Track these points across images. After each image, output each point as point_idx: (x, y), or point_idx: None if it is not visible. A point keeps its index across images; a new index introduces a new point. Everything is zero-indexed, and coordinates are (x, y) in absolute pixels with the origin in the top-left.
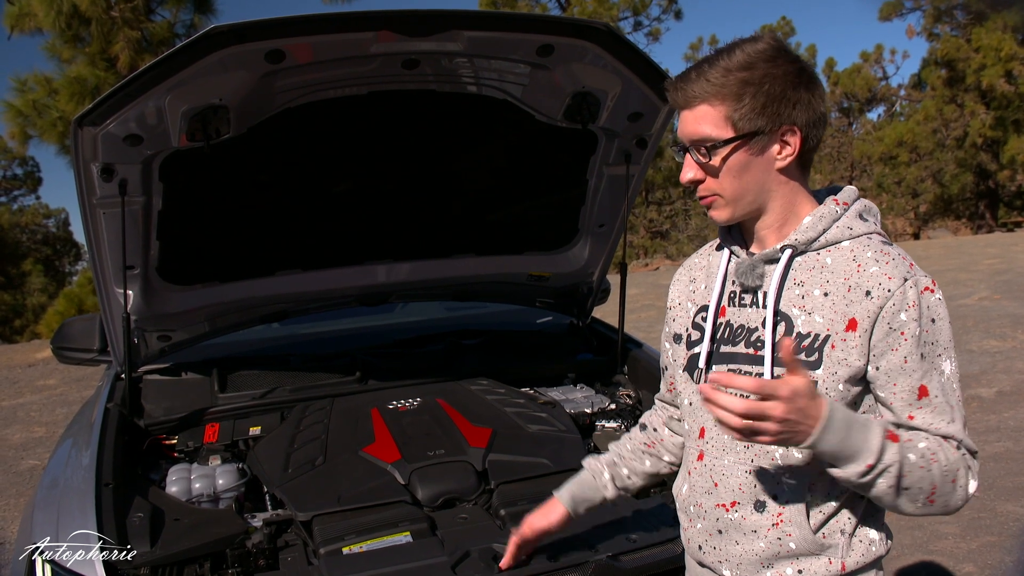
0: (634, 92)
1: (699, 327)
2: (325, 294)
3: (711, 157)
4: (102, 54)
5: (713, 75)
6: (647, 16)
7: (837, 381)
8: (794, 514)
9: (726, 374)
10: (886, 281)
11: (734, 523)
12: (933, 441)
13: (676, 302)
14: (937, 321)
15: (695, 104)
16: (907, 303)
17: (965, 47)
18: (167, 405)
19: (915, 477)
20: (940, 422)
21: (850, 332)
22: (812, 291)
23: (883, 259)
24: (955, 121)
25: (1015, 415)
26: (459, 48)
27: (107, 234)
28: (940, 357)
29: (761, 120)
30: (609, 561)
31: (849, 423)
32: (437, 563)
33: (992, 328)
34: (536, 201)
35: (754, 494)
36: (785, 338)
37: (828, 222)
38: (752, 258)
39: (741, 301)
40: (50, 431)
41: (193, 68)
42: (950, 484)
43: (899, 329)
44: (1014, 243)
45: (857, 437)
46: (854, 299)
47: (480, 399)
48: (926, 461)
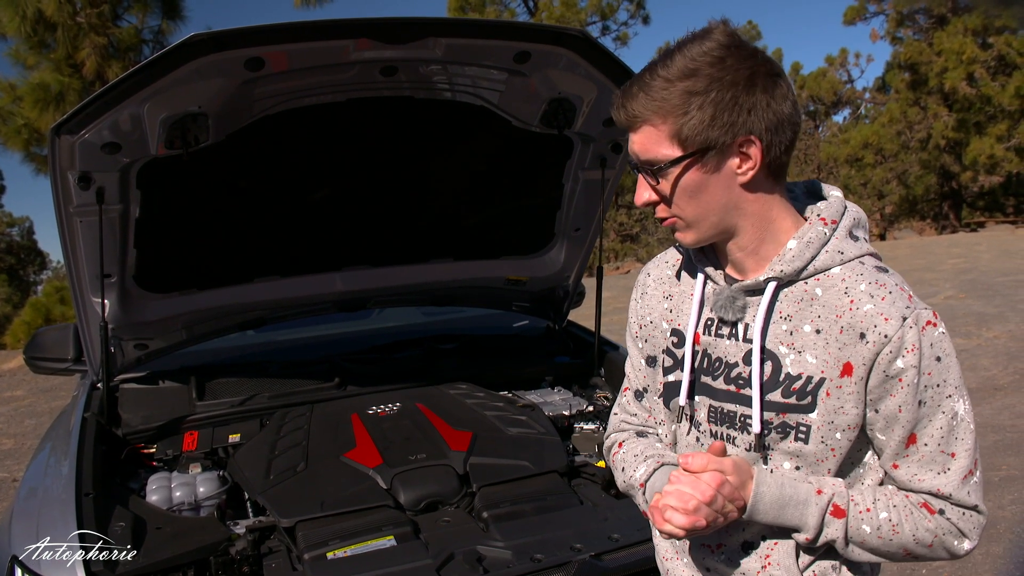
0: (609, 98)
1: (672, 354)
2: (303, 300)
3: (660, 180)
4: (68, 60)
5: (654, 89)
6: (615, 21)
7: (834, 430)
8: (782, 556)
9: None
10: (882, 324)
11: (721, 564)
12: (903, 510)
13: (648, 320)
14: (943, 359)
15: (637, 125)
16: (905, 348)
17: (927, 51)
18: (145, 414)
19: (875, 544)
20: (925, 473)
21: (845, 378)
22: (802, 327)
23: (878, 294)
24: (919, 123)
25: (981, 411)
26: (437, 55)
27: (84, 242)
28: (951, 399)
29: (712, 133)
30: (592, 560)
31: (782, 503)
32: (422, 566)
33: (958, 327)
34: (513, 206)
35: (741, 536)
36: (716, 442)
37: (816, 248)
38: (731, 289)
39: (719, 331)
40: (19, 443)
41: (172, 76)
42: (926, 548)
43: (896, 376)
44: (977, 243)
45: (792, 514)
46: (847, 341)
47: (460, 403)
48: (884, 533)
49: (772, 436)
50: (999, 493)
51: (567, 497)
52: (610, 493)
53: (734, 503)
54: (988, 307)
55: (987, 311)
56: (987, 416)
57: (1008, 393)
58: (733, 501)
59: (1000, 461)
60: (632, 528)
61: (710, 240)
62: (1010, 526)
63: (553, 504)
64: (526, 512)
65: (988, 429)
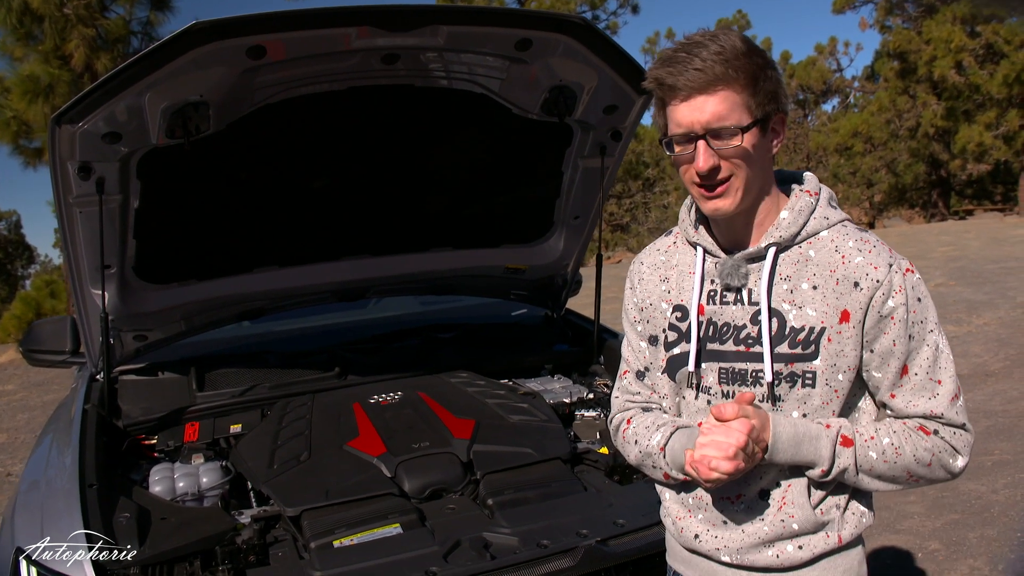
0: (610, 85)
1: (676, 328)
2: (302, 290)
3: (729, 144)
4: (56, 52)
5: (725, 58)
6: (604, 10)
7: (836, 372)
8: (796, 495)
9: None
10: (873, 271)
11: (739, 513)
12: (902, 435)
13: (648, 303)
14: (923, 299)
15: (717, 88)
16: (894, 289)
17: (916, 39)
18: (144, 405)
19: (882, 470)
20: (919, 399)
21: (844, 324)
22: (800, 285)
23: (865, 248)
24: (908, 112)
25: (973, 397)
26: (439, 43)
27: (83, 233)
28: (932, 333)
29: (770, 105)
30: (598, 546)
31: (798, 440)
32: (429, 553)
33: (948, 314)
34: (512, 194)
35: (759, 485)
36: (744, 392)
37: (806, 215)
38: (734, 258)
39: (723, 299)
40: (12, 437)
41: (174, 64)
42: (926, 467)
43: (889, 315)
44: (966, 231)
45: (807, 449)
46: (843, 291)
47: (461, 391)
48: (889, 456)
49: (782, 386)
50: (992, 477)
51: (571, 484)
52: (613, 479)
53: (759, 445)
54: (978, 294)
55: (977, 298)
56: (979, 402)
57: (999, 379)
58: (758, 443)
59: (993, 446)
60: (637, 513)
61: (745, 208)
62: (1004, 509)
63: (557, 491)
64: (531, 499)
65: (980, 415)
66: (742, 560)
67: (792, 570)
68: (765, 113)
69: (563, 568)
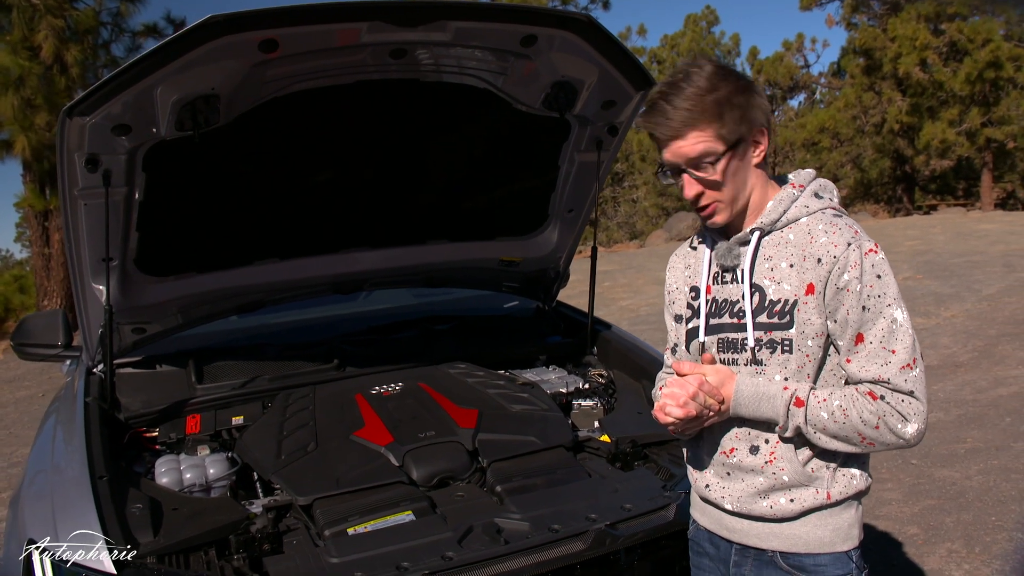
0: (609, 81)
1: (691, 306)
2: (300, 283)
3: (709, 172)
4: (24, 43)
5: (689, 103)
6: (575, 5)
7: (806, 338)
8: (784, 451)
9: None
10: (832, 249)
11: (735, 465)
12: (850, 398)
13: (674, 286)
14: (883, 277)
15: (686, 132)
16: (849, 265)
17: (882, 36)
18: (144, 398)
19: (834, 430)
20: (871, 365)
21: (809, 296)
22: (779, 264)
23: (831, 229)
24: (873, 108)
25: (943, 387)
26: (446, 38)
27: (86, 225)
28: (890, 307)
29: (742, 127)
30: (608, 529)
31: (758, 398)
32: (444, 538)
33: (917, 307)
34: (509, 187)
35: (748, 440)
36: (705, 355)
37: (787, 204)
38: (727, 242)
39: (723, 279)
40: None
41: (187, 57)
42: (874, 430)
43: (844, 287)
44: (932, 225)
45: (766, 407)
46: (809, 267)
47: (461, 382)
48: (838, 418)
49: (763, 351)
50: (966, 464)
51: (576, 470)
52: (615, 466)
53: (715, 398)
54: (945, 287)
55: (944, 291)
56: (949, 392)
57: (968, 370)
58: (714, 396)
59: (965, 434)
60: (643, 498)
61: (738, 212)
62: (978, 495)
63: (563, 477)
64: (538, 485)
65: (951, 404)
66: (742, 508)
67: (785, 521)
68: (738, 137)
69: (575, 551)
